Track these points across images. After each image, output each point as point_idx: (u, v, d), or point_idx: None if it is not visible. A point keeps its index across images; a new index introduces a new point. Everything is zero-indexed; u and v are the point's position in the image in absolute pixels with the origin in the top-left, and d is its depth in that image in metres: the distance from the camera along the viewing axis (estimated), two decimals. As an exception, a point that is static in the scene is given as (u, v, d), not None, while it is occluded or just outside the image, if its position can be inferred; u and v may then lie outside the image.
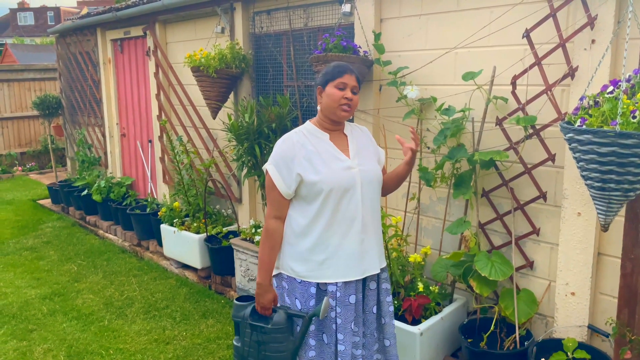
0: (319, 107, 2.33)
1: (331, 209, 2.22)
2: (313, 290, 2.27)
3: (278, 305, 2.36)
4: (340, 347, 2.26)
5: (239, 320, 2.37)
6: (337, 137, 2.32)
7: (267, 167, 2.28)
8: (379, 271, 2.36)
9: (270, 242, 2.28)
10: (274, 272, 2.37)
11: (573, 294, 2.86)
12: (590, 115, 2.07)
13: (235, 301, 2.41)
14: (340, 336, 2.27)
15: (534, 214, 3.05)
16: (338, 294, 2.26)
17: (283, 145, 2.27)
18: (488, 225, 3.24)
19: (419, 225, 3.59)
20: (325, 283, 2.27)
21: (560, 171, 2.89)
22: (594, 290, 2.83)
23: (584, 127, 2.03)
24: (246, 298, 2.43)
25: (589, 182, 2.11)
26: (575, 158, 2.12)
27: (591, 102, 2.09)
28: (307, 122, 2.37)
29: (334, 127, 2.33)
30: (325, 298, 2.22)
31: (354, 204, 2.24)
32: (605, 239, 2.78)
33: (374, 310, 2.40)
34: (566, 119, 2.22)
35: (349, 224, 2.25)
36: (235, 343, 2.40)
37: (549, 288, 3.04)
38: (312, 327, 2.30)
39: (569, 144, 2.11)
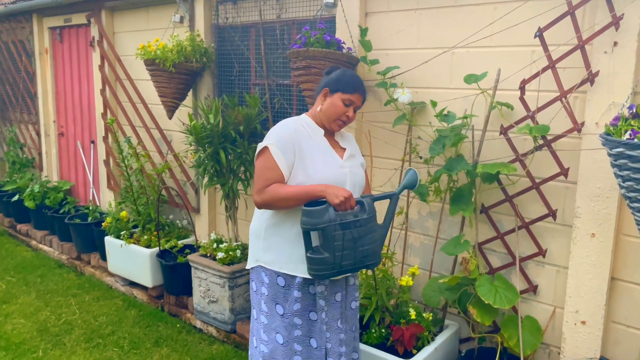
0: (319, 108, 2.28)
1: None
2: (297, 293, 2.22)
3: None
4: (328, 345, 2.27)
5: (324, 226, 2.03)
6: (329, 137, 2.32)
7: (268, 145, 2.14)
8: None
9: (281, 191, 2.12)
10: (252, 265, 2.31)
11: (584, 322, 2.58)
12: (640, 127, 1.78)
13: (305, 208, 2.07)
14: (327, 334, 2.27)
15: (539, 233, 2.76)
16: (325, 293, 2.24)
17: (283, 129, 2.20)
18: (486, 244, 2.93)
19: (406, 243, 3.24)
20: (314, 285, 2.22)
21: (570, 187, 2.61)
22: (606, 319, 2.57)
23: (636, 140, 1.74)
24: (311, 204, 2.08)
25: (636, 204, 1.82)
26: (620, 176, 1.82)
27: (642, 112, 1.80)
28: (303, 114, 2.34)
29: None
30: (412, 169, 2.30)
31: None
32: (620, 262, 2.52)
33: (352, 306, 2.42)
34: (605, 131, 1.92)
35: None
36: (313, 256, 2.06)
37: (554, 315, 2.76)
38: (298, 333, 2.26)
39: (615, 160, 1.81)
